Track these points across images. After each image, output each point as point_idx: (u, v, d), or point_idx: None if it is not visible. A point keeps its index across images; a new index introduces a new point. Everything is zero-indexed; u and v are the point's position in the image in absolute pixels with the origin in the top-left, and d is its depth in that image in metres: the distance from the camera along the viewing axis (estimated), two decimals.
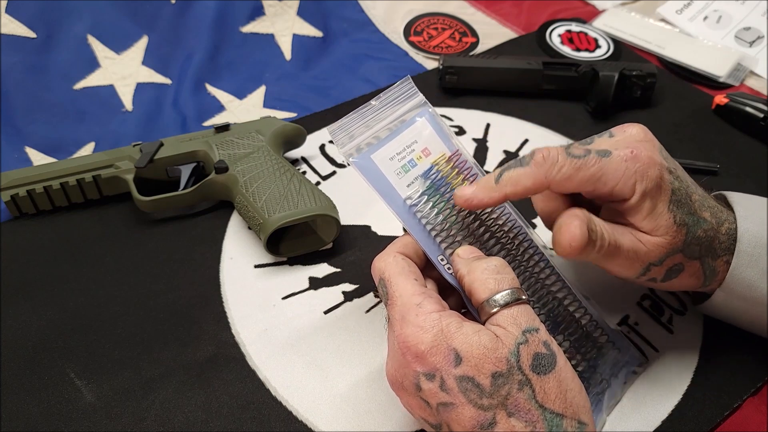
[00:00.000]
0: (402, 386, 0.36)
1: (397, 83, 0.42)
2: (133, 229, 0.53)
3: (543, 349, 0.34)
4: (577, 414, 0.33)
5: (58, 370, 0.43)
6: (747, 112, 0.65)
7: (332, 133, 0.41)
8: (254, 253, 0.52)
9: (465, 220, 0.40)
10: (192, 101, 0.66)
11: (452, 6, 0.83)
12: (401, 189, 0.40)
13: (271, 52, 0.73)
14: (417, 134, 0.41)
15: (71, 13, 0.68)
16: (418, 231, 0.39)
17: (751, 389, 0.44)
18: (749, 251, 0.40)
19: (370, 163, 0.40)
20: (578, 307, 0.41)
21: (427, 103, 0.42)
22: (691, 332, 0.48)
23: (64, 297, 0.48)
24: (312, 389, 0.43)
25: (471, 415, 0.32)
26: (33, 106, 0.63)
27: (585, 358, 0.40)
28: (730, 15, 0.82)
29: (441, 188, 0.40)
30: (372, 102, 0.41)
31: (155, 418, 0.41)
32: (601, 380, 0.40)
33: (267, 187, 0.51)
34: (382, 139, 0.40)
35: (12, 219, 0.53)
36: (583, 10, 0.84)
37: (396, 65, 0.73)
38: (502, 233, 0.41)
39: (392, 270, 0.37)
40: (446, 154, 0.41)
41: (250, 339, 0.46)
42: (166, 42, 0.70)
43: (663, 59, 0.75)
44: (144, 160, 0.54)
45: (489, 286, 0.35)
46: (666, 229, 0.38)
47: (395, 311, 0.36)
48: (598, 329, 0.41)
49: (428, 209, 0.39)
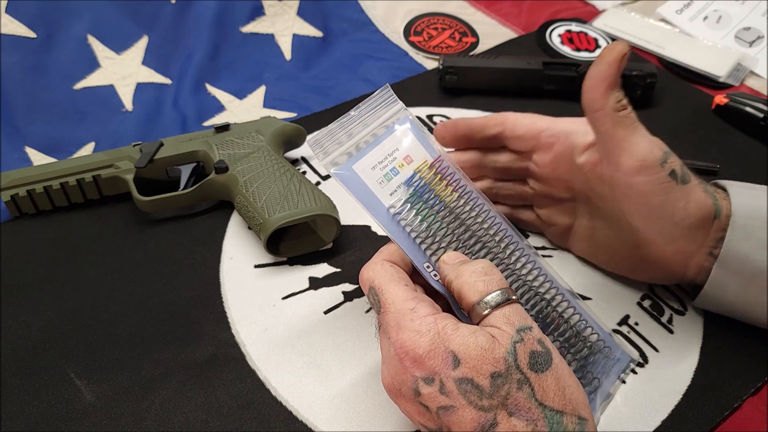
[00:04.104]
0: (400, 393, 0.35)
1: (377, 91, 0.41)
2: (133, 229, 0.53)
3: (538, 347, 0.34)
4: (576, 410, 0.33)
5: (58, 370, 0.43)
6: (747, 112, 0.65)
7: (312, 145, 0.40)
8: (254, 253, 0.52)
9: (450, 225, 0.40)
10: (192, 101, 0.66)
11: (452, 6, 0.83)
12: (384, 198, 0.39)
13: (271, 52, 0.73)
14: (398, 142, 0.41)
15: (71, 13, 0.68)
16: (402, 239, 0.39)
17: (751, 389, 0.44)
18: (743, 224, 0.41)
19: (352, 173, 0.40)
20: (567, 306, 0.41)
21: (407, 110, 0.42)
22: (691, 332, 0.48)
23: (64, 297, 0.48)
24: (312, 389, 0.43)
25: (472, 417, 0.32)
26: (33, 106, 0.63)
27: (576, 357, 0.40)
28: (730, 15, 0.82)
29: (424, 195, 0.40)
30: (351, 112, 0.41)
31: (155, 418, 0.41)
32: (593, 379, 0.40)
33: (267, 187, 0.51)
34: (363, 148, 0.40)
35: (12, 219, 0.53)
36: (583, 10, 0.84)
37: (396, 65, 0.73)
38: (487, 237, 0.41)
39: (382, 278, 0.37)
40: (428, 160, 0.41)
41: (250, 339, 0.46)
42: (166, 42, 0.70)
43: (663, 59, 0.75)
44: (144, 160, 0.54)
45: (478, 289, 0.35)
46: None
47: (389, 318, 0.35)
48: (587, 328, 0.41)
49: (412, 217, 0.39)
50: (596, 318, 0.42)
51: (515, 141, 0.48)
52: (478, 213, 0.41)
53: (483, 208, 0.41)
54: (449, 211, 0.40)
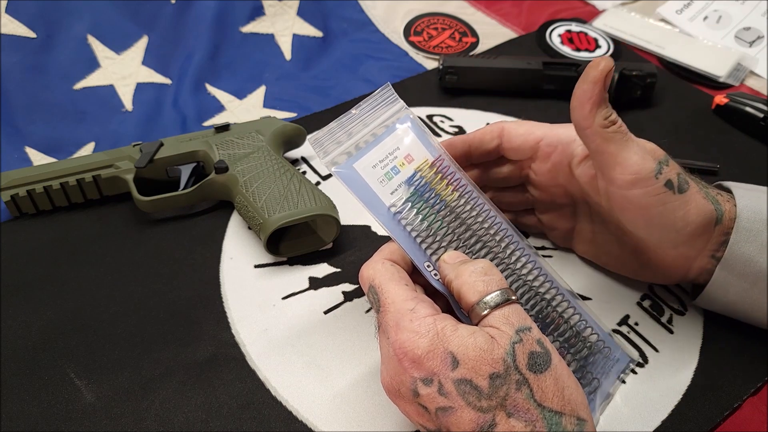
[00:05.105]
0: (399, 394, 0.35)
1: (378, 90, 0.41)
2: (133, 229, 0.53)
3: (537, 348, 0.34)
4: (575, 411, 0.33)
5: (58, 370, 0.43)
6: (747, 112, 0.65)
7: (313, 144, 0.40)
8: (254, 253, 0.52)
9: (450, 225, 0.40)
10: (192, 101, 0.66)
11: (452, 6, 0.83)
12: (385, 197, 0.39)
13: (271, 52, 0.73)
14: (399, 141, 0.41)
15: (71, 13, 0.68)
16: (403, 238, 0.39)
17: (751, 389, 0.44)
18: (748, 226, 0.41)
19: (353, 172, 0.39)
20: (567, 306, 0.41)
21: (408, 109, 0.42)
22: (691, 332, 0.48)
23: (64, 297, 0.48)
24: (312, 389, 0.43)
25: (470, 417, 0.32)
26: (33, 106, 0.63)
27: (575, 358, 0.40)
28: (730, 15, 0.82)
29: (425, 194, 0.40)
30: (352, 110, 0.41)
31: (155, 418, 0.41)
32: (593, 379, 0.40)
33: (267, 187, 0.51)
34: (364, 147, 0.40)
35: (12, 219, 0.53)
36: (583, 10, 0.84)
37: (396, 65, 0.73)
38: (488, 236, 0.41)
39: (382, 277, 0.37)
40: (429, 159, 0.41)
41: (250, 339, 0.46)
42: (166, 42, 0.70)
43: (663, 59, 0.75)
44: (144, 160, 0.54)
45: (478, 289, 0.35)
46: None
47: (388, 318, 0.35)
48: (587, 328, 0.41)
49: (413, 216, 0.39)
50: (596, 318, 0.42)
51: (513, 152, 0.47)
52: (478, 212, 0.41)
53: (483, 208, 0.41)
54: (450, 211, 0.40)
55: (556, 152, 0.46)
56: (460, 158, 0.48)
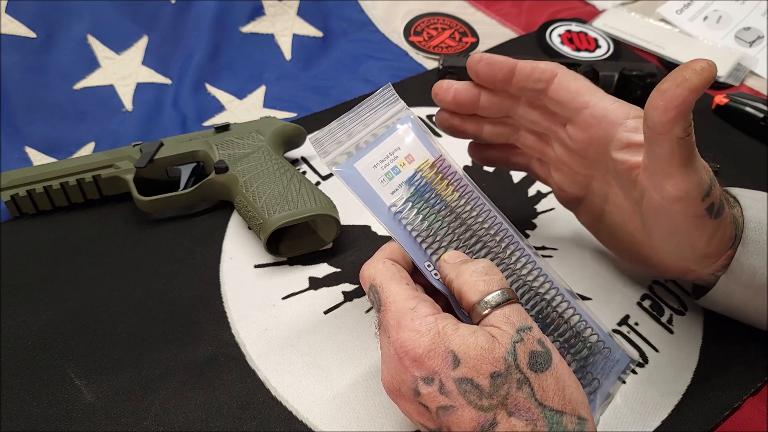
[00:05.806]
0: (400, 393, 0.35)
1: (379, 90, 0.42)
2: (133, 229, 0.53)
3: (538, 347, 0.34)
4: (576, 410, 0.33)
5: (58, 370, 0.43)
6: (747, 112, 0.65)
7: (314, 143, 0.40)
8: (254, 253, 0.52)
9: (450, 225, 0.40)
10: (192, 101, 0.66)
11: (452, 6, 0.83)
12: (385, 197, 0.40)
13: (271, 52, 0.73)
14: (399, 141, 0.41)
15: (71, 13, 0.68)
16: (404, 238, 0.39)
17: (751, 389, 0.44)
18: (755, 238, 0.41)
19: (354, 171, 0.40)
20: (567, 307, 0.41)
21: (409, 110, 0.42)
22: (691, 332, 0.48)
23: (64, 297, 0.48)
24: (312, 389, 0.43)
25: (471, 416, 0.32)
26: (33, 106, 0.63)
27: (575, 358, 0.40)
28: (730, 15, 0.82)
29: (425, 194, 0.40)
30: (353, 110, 0.41)
31: (155, 418, 0.41)
32: (593, 379, 0.40)
33: (267, 187, 0.51)
34: (365, 147, 0.40)
35: (12, 219, 0.53)
36: (583, 10, 0.84)
37: (396, 65, 0.73)
38: (488, 236, 0.41)
39: (383, 276, 0.37)
40: (429, 159, 0.41)
41: (250, 339, 0.46)
42: (166, 42, 0.70)
43: (663, 59, 0.75)
44: (144, 160, 0.54)
45: (479, 288, 0.35)
46: None
47: (389, 317, 0.35)
48: (587, 329, 0.41)
49: (413, 216, 0.39)
50: (596, 318, 0.42)
51: (554, 104, 0.44)
52: (478, 213, 0.41)
53: (484, 208, 0.41)
54: (450, 211, 0.40)
55: (597, 127, 0.42)
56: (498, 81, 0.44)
